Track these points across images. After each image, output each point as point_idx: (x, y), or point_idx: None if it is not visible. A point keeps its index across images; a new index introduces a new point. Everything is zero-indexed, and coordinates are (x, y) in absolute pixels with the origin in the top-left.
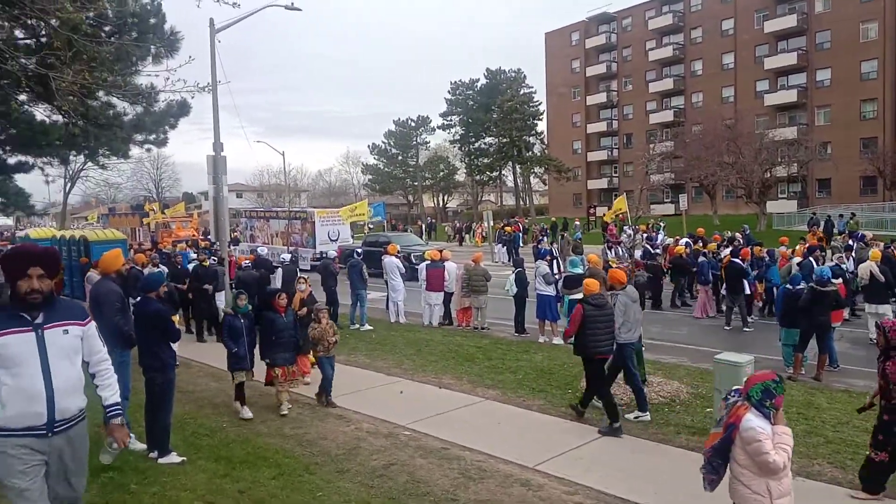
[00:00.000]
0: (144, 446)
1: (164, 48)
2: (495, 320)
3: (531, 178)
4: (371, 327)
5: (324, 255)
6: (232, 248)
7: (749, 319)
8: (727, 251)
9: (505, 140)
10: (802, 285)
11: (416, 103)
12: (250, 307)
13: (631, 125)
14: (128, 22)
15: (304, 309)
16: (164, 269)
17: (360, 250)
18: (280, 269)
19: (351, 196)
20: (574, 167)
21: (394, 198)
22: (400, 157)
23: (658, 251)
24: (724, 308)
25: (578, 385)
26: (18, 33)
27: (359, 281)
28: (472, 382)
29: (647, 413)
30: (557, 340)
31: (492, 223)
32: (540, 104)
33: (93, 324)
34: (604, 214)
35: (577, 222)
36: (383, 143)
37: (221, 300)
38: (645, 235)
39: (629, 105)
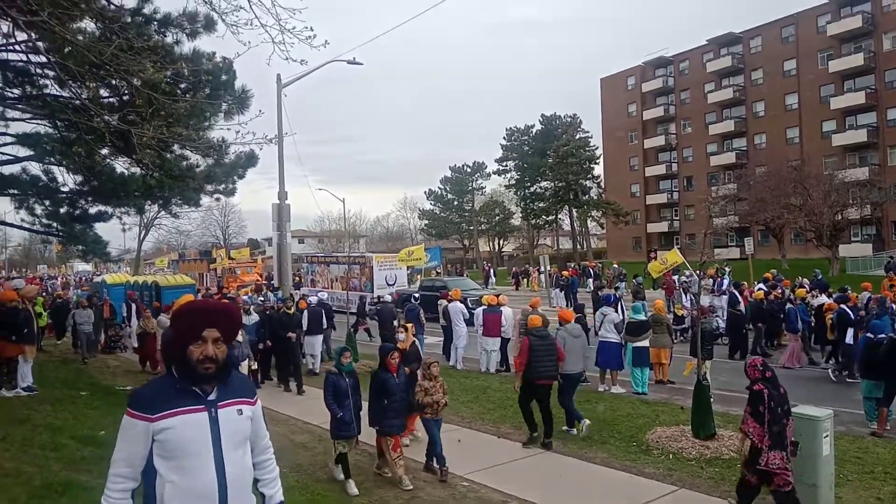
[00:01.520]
0: None
1: (236, 104)
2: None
3: (588, 221)
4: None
5: (381, 300)
6: (295, 292)
7: (826, 368)
8: (825, 298)
9: (561, 184)
10: (884, 335)
11: (472, 150)
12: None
13: (691, 168)
14: (202, 79)
15: (409, 366)
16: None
17: (417, 295)
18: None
19: (408, 241)
20: (633, 210)
21: (450, 242)
22: (456, 203)
23: (724, 297)
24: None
25: (643, 437)
26: (103, 92)
27: (417, 325)
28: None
29: (574, 429)
30: (617, 389)
31: (549, 267)
32: (596, 148)
33: (260, 402)
34: (648, 264)
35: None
36: (439, 188)
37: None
38: (713, 280)
39: (688, 147)
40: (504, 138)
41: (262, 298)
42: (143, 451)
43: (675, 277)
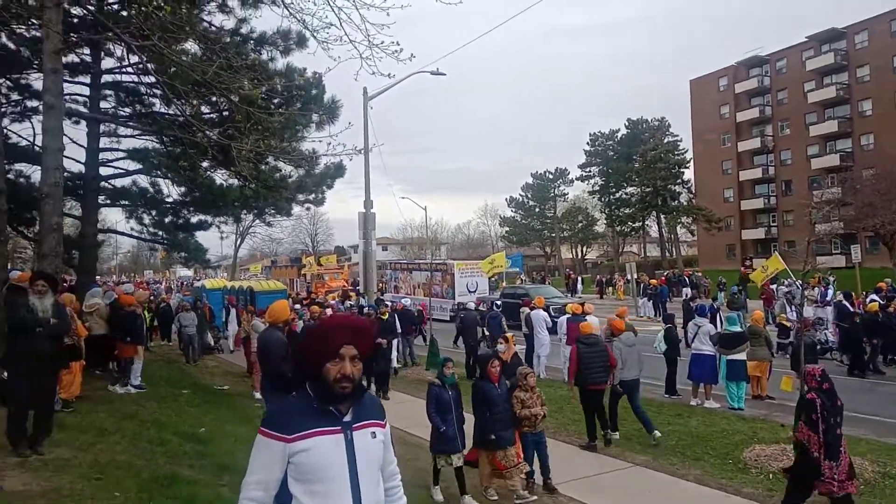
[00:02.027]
0: None
1: (326, 116)
2: (641, 379)
3: (677, 228)
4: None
5: (464, 307)
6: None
7: None
8: None
9: (648, 189)
10: None
11: (554, 156)
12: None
13: (790, 171)
14: (294, 94)
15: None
16: None
17: (499, 302)
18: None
19: (488, 248)
20: (726, 216)
21: (531, 249)
22: (537, 209)
23: (829, 308)
24: None
25: (740, 455)
26: (204, 109)
27: (499, 333)
28: (620, 445)
29: (617, 433)
30: (711, 404)
31: (635, 275)
32: (686, 152)
33: (388, 425)
34: (748, 270)
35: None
36: (521, 195)
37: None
38: (817, 291)
39: (787, 150)
40: (588, 144)
41: (352, 303)
42: (278, 473)
43: (774, 287)
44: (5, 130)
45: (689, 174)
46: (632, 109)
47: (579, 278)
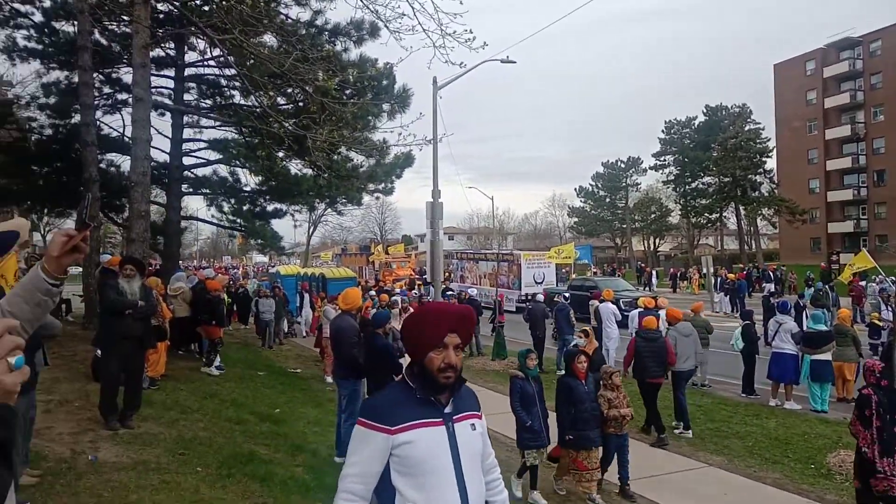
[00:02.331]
0: None
1: (397, 105)
2: (717, 377)
3: (758, 220)
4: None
5: (531, 298)
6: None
7: None
8: None
9: (727, 179)
10: None
11: (626, 145)
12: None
13: (883, 160)
14: (366, 84)
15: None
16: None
17: (567, 294)
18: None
19: (556, 239)
20: (811, 208)
21: (600, 241)
22: (608, 200)
23: None
24: None
25: (823, 460)
26: (280, 100)
27: (566, 325)
28: (692, 445)
29: (689, 432)
30: (791, 405)
31: (711, 269)
32: (768, 140)
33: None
34: (829, 266)
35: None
36: (591, 185)
37: None
38: None
39: (880, 138)
40: (662, 131)
41: (417, 293)
42: (379, 466)
43: (864, 283)
44: (98, 122)
45: (771, 164)
46: (710, 96)
47: (653, 272)
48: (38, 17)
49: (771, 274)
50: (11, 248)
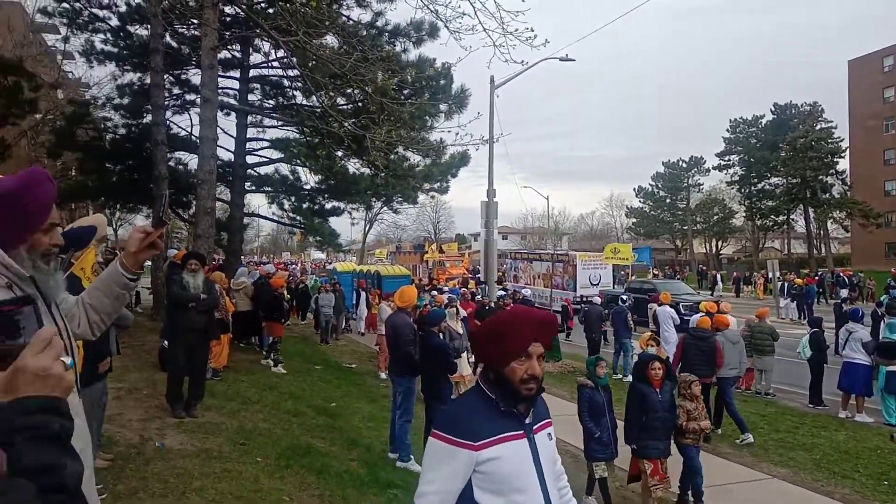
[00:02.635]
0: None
1: (455, 105)
2: (782, 386)
3: (828, 223)
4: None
5: (587, 300)
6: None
7: None
8: None
9: (795, 180)
10: None
11: (688, 144)
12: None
13: None
14: (423, 85)
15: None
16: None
17: (625, 297)
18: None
19: (612, 240)
20: (886, 212)
21: (659, 242)
22: (668, 200)
23: None
24: None
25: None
26: (340, 100)
27: (624, 329)
28: (755, 455)
29: (749, 435)
30: (863, 418)
31: (777, 273)
32: (841, 140)
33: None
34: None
35: None
36: (650, 185)
37: None
38: None
39: None
40: (727, 130)
41: (474, 292)
42: (461, 484)
43: None
44: (168, 122)
45: (843, 164)
46: (777, 94)
47: (718, 275)
48: (114, 22)
49: (846, 280)
50: (90, 242)
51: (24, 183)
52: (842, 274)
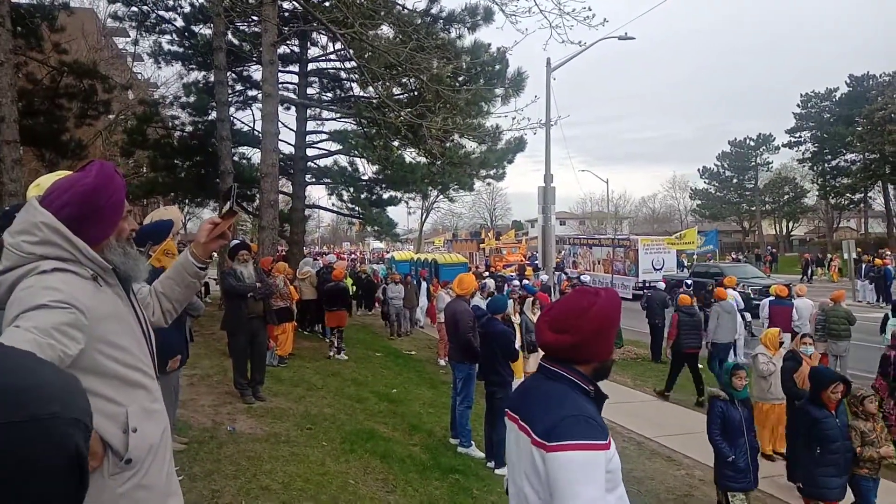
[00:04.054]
0: (483, 455)
1: (511, 90)
2: (858, 372)
3: None
4: (701, 366)
5: (650, 285)
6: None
7: None
8: None
9: (873, 156)
10: None
11: (755, 122)
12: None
13: None
14: (478, 70)
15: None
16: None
17: (689, 282)
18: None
19: (675, 223)
20: None
21: (726, 224)
22: (735, 180)
23: None
24: None
25: None
26: (395, 90)
27: None
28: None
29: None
30: None
31: (854, 254)
32: None
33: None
34: None
35: None
36: (715, 165)
37: None
38: None
39: None
40: (798, 105)
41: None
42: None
43: None
44: (231, 118)
45: None
46: (853, 67)
47: (770, 254)
48: (179, 23)
49: None
50: (168, 235)
51: (103, 177)
52: None
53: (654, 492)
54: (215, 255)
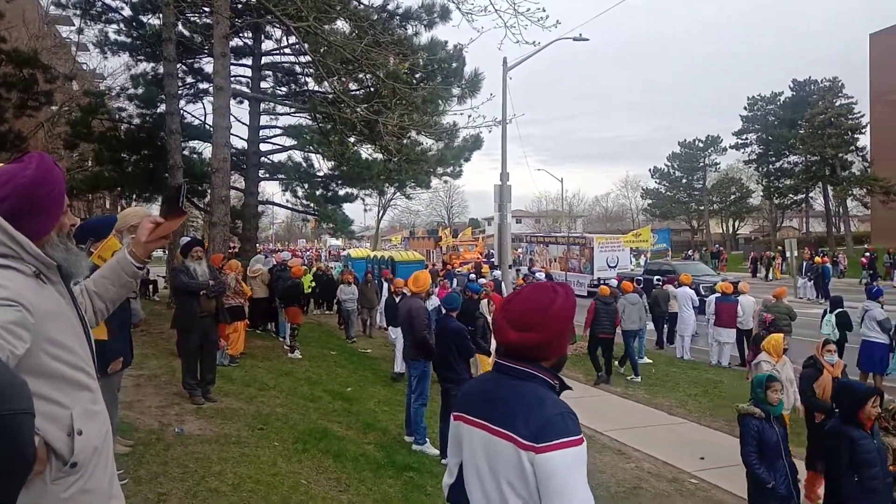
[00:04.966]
0: (438, 452)
1: (468, 88)
2: (799, 366)
3: (848, 201)
4: (650, 361)
5: (603, 283)
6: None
7: None
8: None
9: (814, 158)
10: None
11: (705, 123)
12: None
13: None
14: (436, 68)
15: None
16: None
17: (640, 278)
18: None
19: (628, 222)
20: None
21: (675, 223)
22: (684, 180)
23: None
24: None
25: None
26: (352, 86)
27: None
28: None
29: (639, 378)
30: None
31: (795, 253)
32: (861, 116)
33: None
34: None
35: None
36: (666, 165)
37: None
38: None
39: None
40: (745, 108)
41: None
42: None
43: None
44: (181, 111)
45: (864, 141)
46: (797, 71)
47: (712, 250)
48: (126, 12)
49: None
50: (111, 231)
51: (43, 170)
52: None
53: (605, 485)
54: (164, 252)
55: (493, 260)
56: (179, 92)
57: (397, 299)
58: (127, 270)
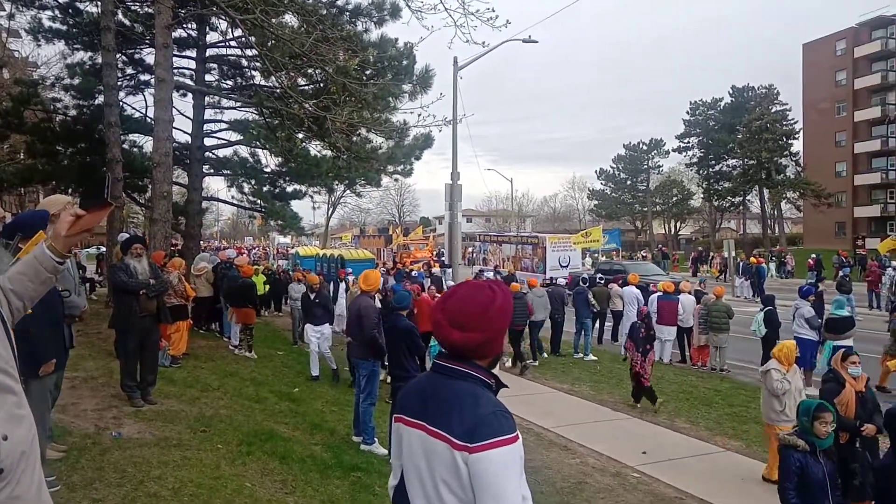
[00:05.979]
0: (387, 451)
1: (419, 86)
2: (736, 362)
3: (782, 203)
4: (595, 358)
5: (553, 282)
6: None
7: None
8: None
9: (751, 162)
10: None
11: (651, 127)
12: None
13: None
14: (386, 65)
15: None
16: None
17: (586, 276)
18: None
19: (575, 222)
20: (837, 192)
21: (620, 224)
22: (629, 182)
23: None
24: None
25: None
26: (301, 81)
27: (584, 309)
28: (710, 430)
29: (536, 361)
30: (811, 391)
31: (733, 253)
32: (795, 122)
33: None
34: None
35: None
36: (611, 167)
37: None
38: None
39: None
40: (687, 113)
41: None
42: None
43: (889, 269)
44: (121, 103)
45: (797, 146)
46: (737, 77)
47: (657, 251)
48: None
49: (843, 260)
50: (44, 227)
51: None
52: (843, 256)
53: (551, 480)
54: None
55: (443, 259)
56: (119, 83)
57: (312, 296)
58: (46, 265)
